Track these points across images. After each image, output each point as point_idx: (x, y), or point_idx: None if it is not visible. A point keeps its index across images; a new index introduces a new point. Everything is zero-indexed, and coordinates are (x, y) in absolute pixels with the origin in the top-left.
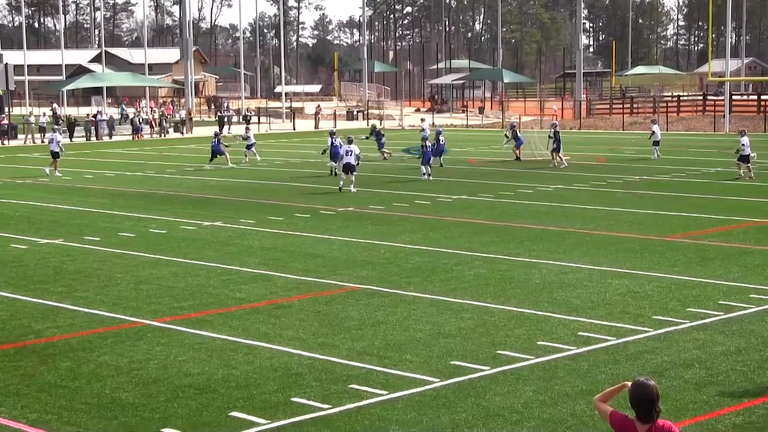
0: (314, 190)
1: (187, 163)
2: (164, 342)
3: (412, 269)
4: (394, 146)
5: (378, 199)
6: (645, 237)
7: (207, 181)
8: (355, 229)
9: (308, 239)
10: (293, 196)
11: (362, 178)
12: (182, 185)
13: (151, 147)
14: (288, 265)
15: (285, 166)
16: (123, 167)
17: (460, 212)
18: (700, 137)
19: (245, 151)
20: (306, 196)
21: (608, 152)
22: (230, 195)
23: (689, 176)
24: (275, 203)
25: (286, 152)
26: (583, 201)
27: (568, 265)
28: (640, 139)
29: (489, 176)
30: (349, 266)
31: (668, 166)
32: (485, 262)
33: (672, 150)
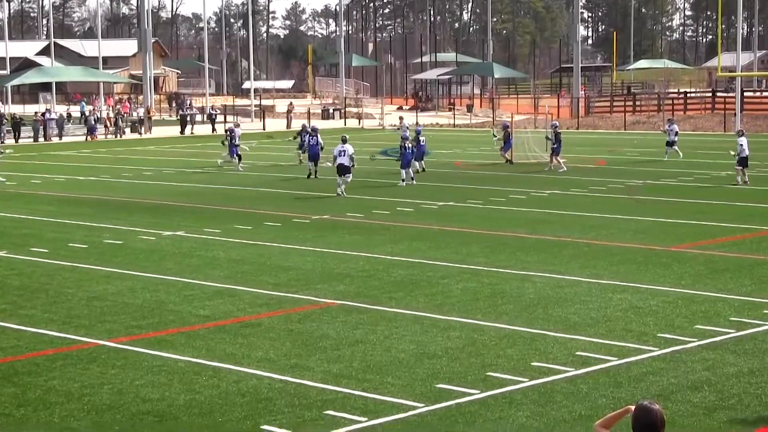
0: (286, 195)
1: (146, 166)
2: (120, 364)
3: (394, 283)
4: (374, 147)
5: (356, 206)
6: (649, 247)
7: (167, 186)
8: (330, 239)
9: (279, 250)
10: (263, 203)
11: (334, 182)
12: (140, 191)
13: (106, 149)
14: (257, 278)
15: (254, 170)
16: (74, 171)
17: (446, 220)
18: (709, 138)
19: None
20: (277, 203)
21: (608, 154)
22: (193, 201)
23: (697, 180)
24: (243, 210)
25: (255, 154)
26: (582, 208)
27: (565, 278)
28: (642, 139)
29: (478, 181)
30: (325, 280)
31: (674, 169)
32: (474, 274)
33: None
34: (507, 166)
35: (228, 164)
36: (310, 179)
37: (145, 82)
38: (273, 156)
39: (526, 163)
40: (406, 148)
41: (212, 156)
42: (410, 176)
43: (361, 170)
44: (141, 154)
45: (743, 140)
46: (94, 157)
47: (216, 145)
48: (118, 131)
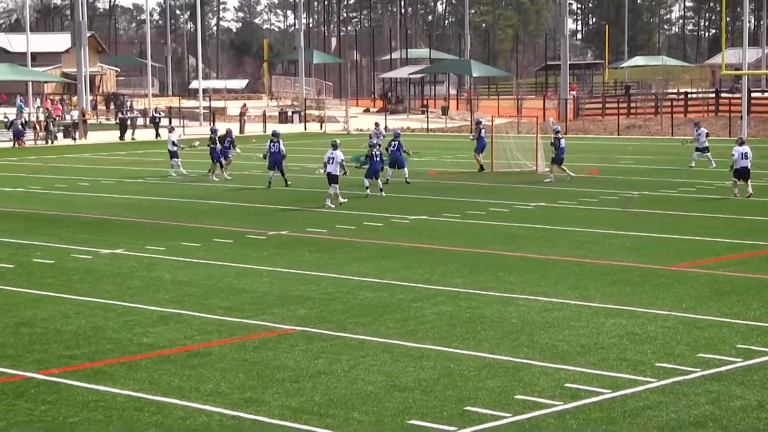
0: (240, 208)
1: (81, 176)
2: (51, 400)
3: (361, 307)
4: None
5: (318, 220)
6: (646, 266)
7: (105, 198)
8: (289, 258)
9: (232, 270)
10: (213, 217)
11: (298, 194)
12: (74, 204)
13: (35, 156)
14: (206, 302)
15: (203, 180)
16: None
17: (419, 236)
18: (712, 143)
19: (173, 162)
20: (229, 217)
21: (601, 162)
22: (134, 215)
23: (700, 191)
24: (191, 225)
25: (203, 163)
26: (571, 222)
27: (553, 301)
28: (638, 145)
29: (454, 192)
30: (283, 303)
31: (674, 179)
32: (450, 297)
33: (678, 159)
34: (486, 175)
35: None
36: (270, 188)
37: (79, 81)
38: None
39: (508, 172)
40: (374, 156)
41: (156, 164)
42: (378, 187)
43: (321, 180)
44: (75, 162)
45: (740, 150)
46: (21, 165)
47: (160, 152)
48: (49, 136)
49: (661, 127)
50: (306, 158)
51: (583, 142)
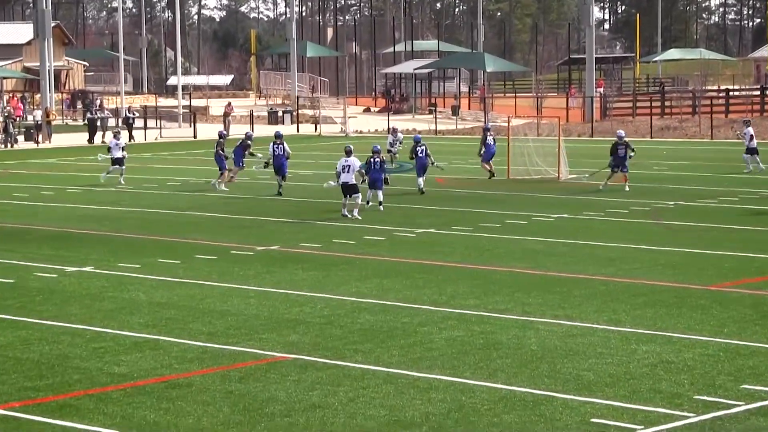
0: (225, 221)
1: (44, 184)
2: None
3: (361, 332)
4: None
5: (312, 234)
6: (683, 285)
7: (72, 209)
8: (280, 277)
9: (215, 290)
10: (194, 230)
11: (290, 205)
12: (38, 215)
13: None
14: (186, 326)
15: (183, 188)
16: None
17: (426, 252)
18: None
19: (112, 168)
20: (213, 230)
21: (631, 168)
22: (105, 229)
23: (743, 201)
24: (169, 240)
25: (184, 169)
26: (597, 236)
27: (577, 325)
28: (674, 149)
29: (466, 202)
30: (273, 328)
31: (714, 188)
32: (461, 321)
33: (719, 166)
34: (501, 183)
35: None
36: (281, 196)
37: (43, 76)
38: (206, 171)
39: (527, 180)
40: (372, 163)
41: (130, 171)
42: (378, 200)
43: (318, 190)
44: (38, 168)
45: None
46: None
47: (135, 157)
48: (9, 139)
49: (699, 129)
50: (305, 164)
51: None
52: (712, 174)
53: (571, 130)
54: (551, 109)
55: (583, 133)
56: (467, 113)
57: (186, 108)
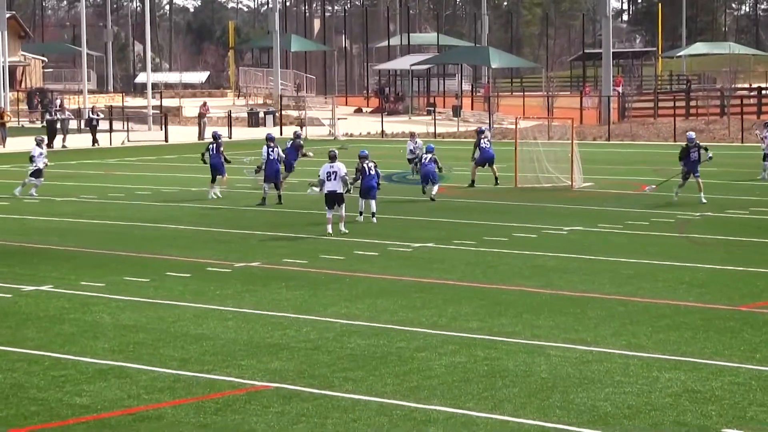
0: (201, 234)
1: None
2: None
3: (351, 358)
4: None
5: (298, 249)
6: (710, 306)
7: (29, 221)
8: (262, 296)
9: (189, 312)
10: (165, 245)
11: (272, 215)
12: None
13: None
14: (156, 352)
15: (153, 198)
16: None
17: (424, 269)
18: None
19: (29, 180)
20: (187, 244)
21: (653, 176)
22: (66, 243)
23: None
24: (137, 255)
25: (154, 177)
26: (615, 251)
27: (592, 350)
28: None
29: (469, 213)
30: (253, 354)
31: (745, 197)
32: (463, 345)
33: (751, 172)
34: (508, 192)
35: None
36: (265, 206)
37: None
38: (179, 178)
39: (536, 188)
40: (365, 170)
41: (93, 179)
42: (371, 210)
43: (302, 199)
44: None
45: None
46: None
47: (97, 163)
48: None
49: (729, 132)
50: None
51: (631, 150)
52: (743, 182)
53: (585, 132)
54: (563, 110)
55: (599, 136)
56: (470, 114)
57: (156, 109)
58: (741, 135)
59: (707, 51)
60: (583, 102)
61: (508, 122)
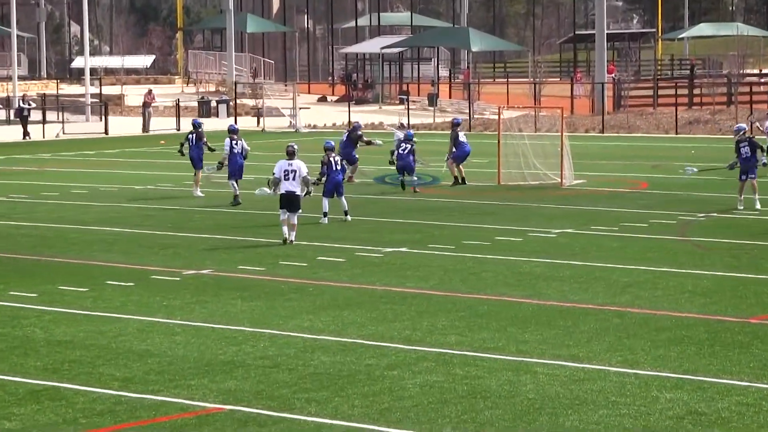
0: (143, 237)
1: None
2: None
3: (314, 377)
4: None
5: (254, 255)
6: (716, 318)
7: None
8: (214, 308)
9: (131, 325)
10: (106, 250)
11: (226, 216)
12: None
13: None
14: (95, 370)
15: (91, 198)
16: None
17: (396, 276)
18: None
19: None
20: (128, 249)
21: (651, 172)
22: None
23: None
24: (73, 262)
25: (92, 174)
26: (610, 256)
27: (585, 368)
28: (705, 147)
29: (447, 213)
30: (204, 372)
31: (752, 195)
32: (441, 362)
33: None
34: (490, 191)
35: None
36: (240, 204)
37: None
38: (121, 176)
39: (522, 186)
40: (332, 164)
41: (25, 176)
42: (344, 208)
43: (260, 199)
44: None
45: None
46: None
47: (30, 158)
48: None
49: (737, 123)
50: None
51: (627, 143)
52: None
53: (576, 124)
54: (552, 99)
55: (592, 128)
56: (447, 103)
57: (95, 97)
58: (750, 126)
59: (712, 33)
60: (574, 90)
61: (490, 112)
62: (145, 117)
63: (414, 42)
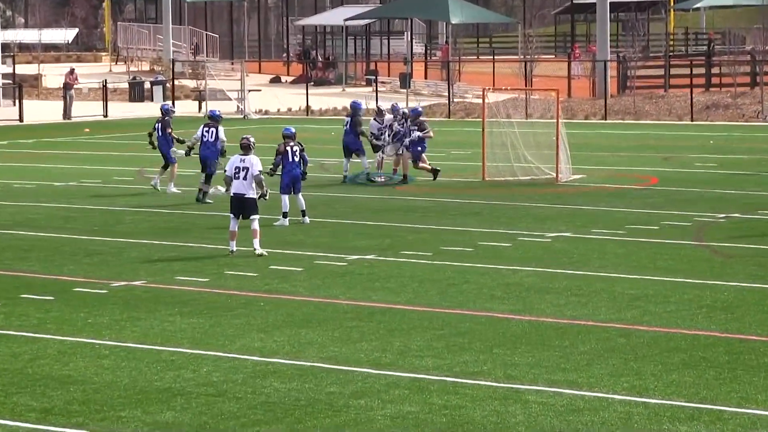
0: (65, 243)
1: None
2: None
3: (267, 406)
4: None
5: (195, 263)
6: (738, 336)
7: None
8: (147, 326)
9: (51, 347)
10: (20, 258)
11: (162, 218)
12: None
13: None
14: (9, 400)
15: (2, 197)
16: None
17: (363, 289)
18: None
19: None
20: (47, 258)
21: (663, 165)
22: None
23: None
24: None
25: (4, 168)
26: (614, 264)
27: (584, 396)
28: (725, 137)
29: (421, 214)
30: (137, 402)
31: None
32: (415, 390)
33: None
34: (473, 187)
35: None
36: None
37: None
38: (39, 170)
39: (511, 182)
40: (288, 154)
41: None
42: (301, 207)
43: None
44: None
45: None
46: None
47: None
48: None
49: (762, 107)
50: (183, 161)
51: (634, 131)
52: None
53: (575, 108)
54: (546, 79)
55: (593, 113)
56: (423, 84)
57: (8, 78)
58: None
59: (734, 1)
60: (571, 69)
61: (473, 95)
62: (66, 101)
63: (383, 13)
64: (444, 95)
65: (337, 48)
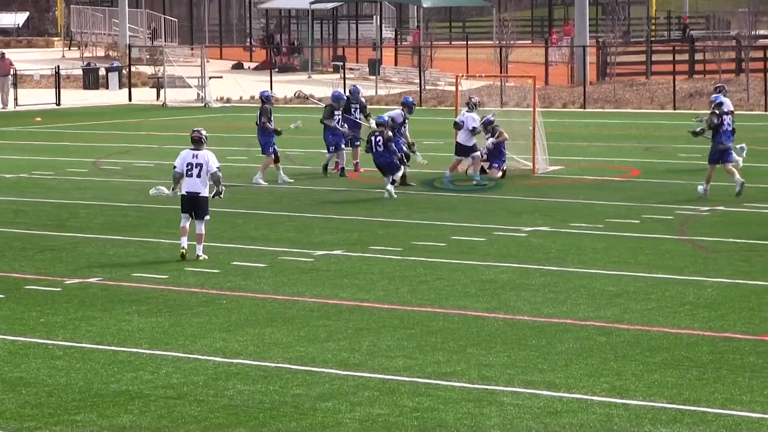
0: (13, 238)
1: None
2: None
3: (229, 410)
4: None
5: (153, 259)
6: (722, 335)
7: None
8: (104, 325)
9: (1, 348)
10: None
11: (117, 211)
12: None
13: None
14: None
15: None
16: None
17: (330, 286)
18: None
19: None
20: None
21: (644, 155)
22: None
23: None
24: None
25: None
26: (593, 260)
27: (562, 397)
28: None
29: (391, 208)
30: (93, 405)
31: (765, 185)
32: (385, 391)
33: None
34: (453, 179)
35: None
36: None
37: None
38: (3, 162)
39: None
40: (372, 143)
41: None
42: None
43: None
44: None
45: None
46: None
47: None
48: None
49: (747, 95)
50: (141, 150)
51: (614, 120)
52: (763, 164)
53: (552, 97)
54: (522, 66)
55: (571, 102)
56: (393, 71)
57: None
58: (765, 99)
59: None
60: (549, 55)
61: (445, 82)
62: (4, 91)
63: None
64: (415, 82)
65: (303, 33)
